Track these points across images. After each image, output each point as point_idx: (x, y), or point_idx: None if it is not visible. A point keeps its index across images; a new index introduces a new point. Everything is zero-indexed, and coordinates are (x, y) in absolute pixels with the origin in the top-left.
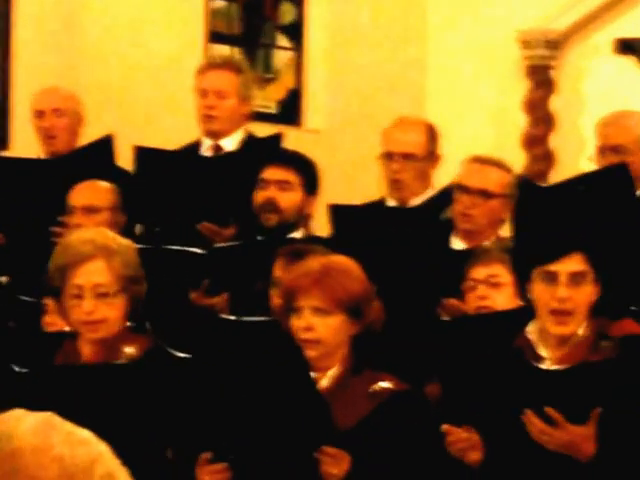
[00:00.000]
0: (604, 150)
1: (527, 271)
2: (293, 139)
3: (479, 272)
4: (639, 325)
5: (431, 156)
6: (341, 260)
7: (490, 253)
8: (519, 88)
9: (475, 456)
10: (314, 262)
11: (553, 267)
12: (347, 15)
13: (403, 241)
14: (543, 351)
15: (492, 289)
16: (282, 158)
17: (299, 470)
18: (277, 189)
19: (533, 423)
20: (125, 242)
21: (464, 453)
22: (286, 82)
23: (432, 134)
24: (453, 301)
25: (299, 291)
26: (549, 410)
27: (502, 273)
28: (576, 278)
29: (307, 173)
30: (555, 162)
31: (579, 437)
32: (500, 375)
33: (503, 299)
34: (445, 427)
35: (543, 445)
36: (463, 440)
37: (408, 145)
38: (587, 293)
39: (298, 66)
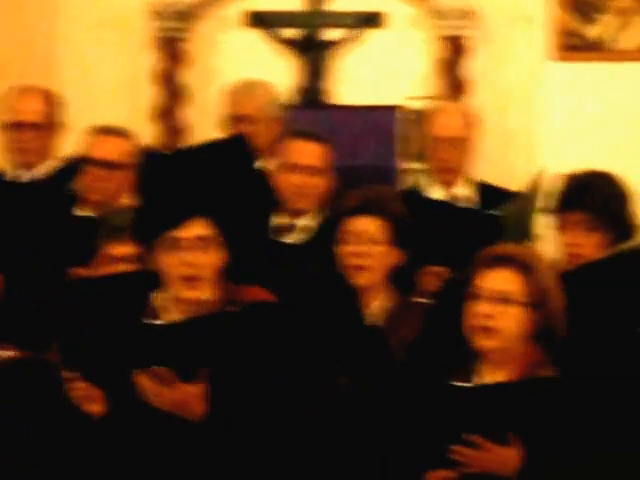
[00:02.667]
0: (231, 119)
1: (152, 239)
2: None
3: (117, 249)
4: (265, 291)
5: (53, 124)
6: None
7: (124, 231)
8: (149, 60)
9: (94, 408)
10: None
11: (178, 233)
12: None
13: (24, 214)
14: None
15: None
16: None
17: None
18: None
19: (143, 382)
20: None
21: (83, 402)
22: None
23: (52, 102)
24: (80, 270)
25: None
26: (159, 369)
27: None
28: (202, 243)
29: None
30: (186, 135)
31: (189, 396)
32: (119, 335)
33: None
34: (66, 374)
35: (156, 405)
36: (83, 389)
37: (28, 114)
38: (214, 257)
39: None
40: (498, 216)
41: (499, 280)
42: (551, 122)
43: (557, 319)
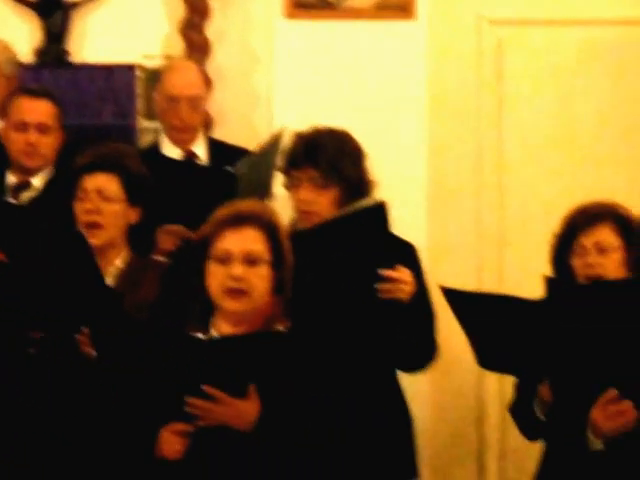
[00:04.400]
0: None
1: None
2: None
3: None
4: None
5: None
6: None
7: None
8: None
9: None
10: None
11: None
12: None
13: None
14: None
15: None
16: None
17: None
18: None
19: None
20: None
21: None
22: None
23: None
24: None
25: None
26: None
27: None
28: None
29: None
30: None
31: None
32: None
33: None
34: None
35: None
36: None
37: None
38: None
39: None
40: (234, 174)
41: (246, 241)
42: (288, 81)
43: (290, 274)
